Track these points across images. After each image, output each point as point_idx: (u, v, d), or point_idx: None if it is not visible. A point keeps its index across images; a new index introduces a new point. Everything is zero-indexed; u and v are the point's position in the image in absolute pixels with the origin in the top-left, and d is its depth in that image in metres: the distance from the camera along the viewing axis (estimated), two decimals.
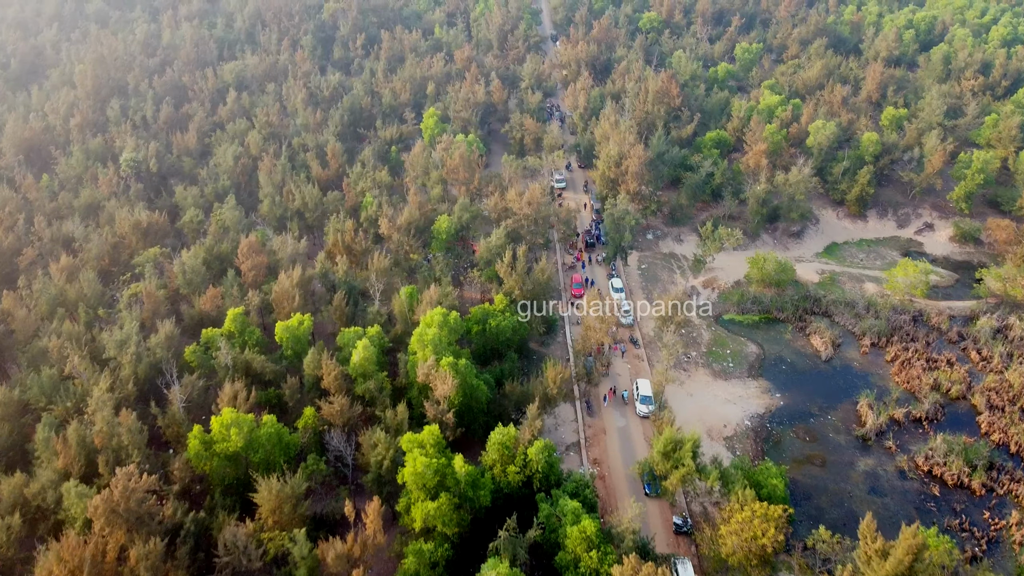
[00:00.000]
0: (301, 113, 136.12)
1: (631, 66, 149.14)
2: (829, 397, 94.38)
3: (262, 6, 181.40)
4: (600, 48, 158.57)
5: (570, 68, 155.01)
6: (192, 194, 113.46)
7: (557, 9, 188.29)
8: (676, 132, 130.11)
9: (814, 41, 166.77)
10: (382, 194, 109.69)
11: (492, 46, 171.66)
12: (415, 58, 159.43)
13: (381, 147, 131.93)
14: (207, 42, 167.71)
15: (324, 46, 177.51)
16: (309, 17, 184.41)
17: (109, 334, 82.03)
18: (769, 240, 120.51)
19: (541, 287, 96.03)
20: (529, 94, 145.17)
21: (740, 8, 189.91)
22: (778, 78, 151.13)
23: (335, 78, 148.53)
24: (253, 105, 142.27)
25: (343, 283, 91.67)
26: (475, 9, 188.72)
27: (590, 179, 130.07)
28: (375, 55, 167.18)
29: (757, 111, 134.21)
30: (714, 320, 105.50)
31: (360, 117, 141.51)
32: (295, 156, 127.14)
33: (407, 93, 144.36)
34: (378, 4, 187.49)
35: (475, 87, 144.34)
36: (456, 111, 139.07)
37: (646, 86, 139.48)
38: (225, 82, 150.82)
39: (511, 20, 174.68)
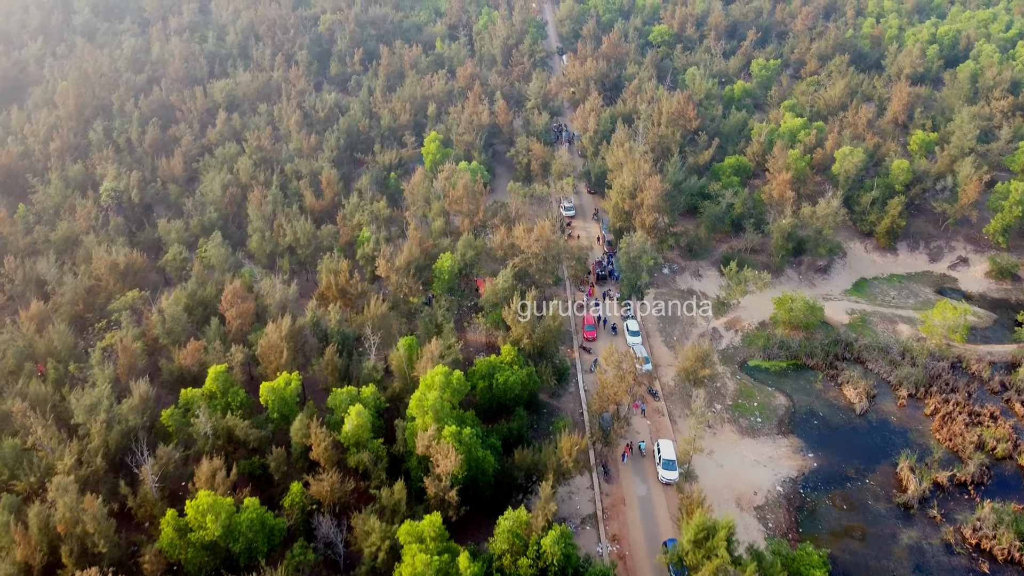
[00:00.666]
0: (294, 136, 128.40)
1: (643, 85, 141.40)
2: (866, 457, 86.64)
3: (255, 19, 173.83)
4: (609, 64, 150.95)
5: (578, 87, 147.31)
6: (176, 228, 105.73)
7: (563, 22, 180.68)
8: (693, 158, 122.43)
9: (834, 57, 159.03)
10: (379, 229, 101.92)
11: (496, 61, 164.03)
12: (415, 75, 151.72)
13: (379, 173, 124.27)
14: (197, 58, 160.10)
15: (320, 61, 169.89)
16: (305, 30, 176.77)
17: (78, 398, 74.32)
18: (794, 275, 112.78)
19: (552, 335, 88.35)
20: (535, 115, 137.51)
21: (754, 20, 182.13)
22: (798, 98, 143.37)
23: (331, 97, 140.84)
24: (244, 127, 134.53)
25: (336, 334, 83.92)
26: (478, 22, 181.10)
27: (602, 209, 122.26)
28: (373, 71, 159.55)
29: (778, 135, 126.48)
30: (738, 367, 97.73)
31: (357, 140, 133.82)
32: (287, 184, 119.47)
33: (407, 114, 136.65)
34: (377, 16, 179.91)
35: (478, 107, 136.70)
36: (458, 134, 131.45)
37: (660, 107, 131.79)
38: (215, 101, 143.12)
39: (516, 34, 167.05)
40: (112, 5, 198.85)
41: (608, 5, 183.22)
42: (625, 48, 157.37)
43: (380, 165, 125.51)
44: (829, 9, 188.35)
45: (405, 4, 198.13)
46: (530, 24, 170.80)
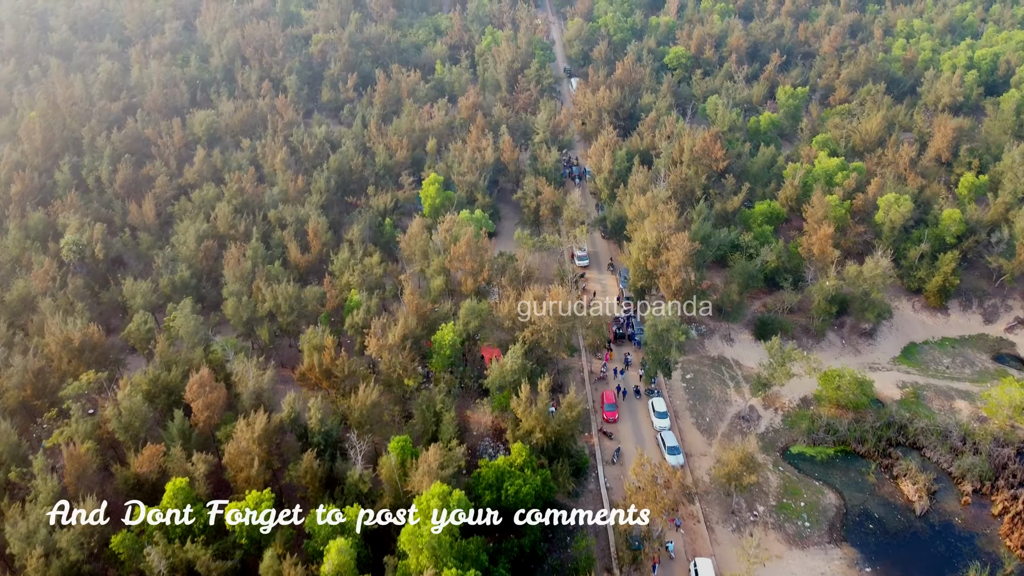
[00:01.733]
0: (280, 177, 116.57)
1: (662, 118, 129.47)
2: (931, 571, 74.91)
3: (242, 40, 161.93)
4: (623, 93, 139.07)
5: (589, 118, 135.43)
6: (142, 291, 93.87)
7: (572, 43, 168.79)
8: (720, 203, 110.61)
9: (866, 83, 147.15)
10: (371, 296, 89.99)
11: (500, 87, 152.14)
12: (414, 105, 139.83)
13: (373, 219, 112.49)
14: (178, 83, 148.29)
15: (311, 86, 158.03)
16: (295, 51, 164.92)
17: (14, 523, 62.64)
18: (836, 340, 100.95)
19: (569, 427, 76.64)
20: (543, 150, 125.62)
21: (776, 40, 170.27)
22: (831, 131, 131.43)
23: (321, 131, 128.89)
24: (225, 165, 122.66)
25: (318, 435, 72.14)
26: (480, 42, 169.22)
27: (620, 263, 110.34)
28: (368, 98, 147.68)
29: (813, 176, 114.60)
30: (780, 454, 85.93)
31: (349, 180, 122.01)
32: (271, 233, 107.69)
33: (404, 150, 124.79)
34: (373, 36, 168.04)
35: (482, 141, 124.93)
36: (460, 173, 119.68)
37: (681, 144, 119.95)
38: (194, 135, 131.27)
39: (521, 57, 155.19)
40: (92, 23, 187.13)
41: (619, 24, 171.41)
42: (640, 74, 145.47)
43: (374, 210, 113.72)
44: (855, 28, 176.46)
45: (403, 22, 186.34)
46: (536, 46, 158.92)
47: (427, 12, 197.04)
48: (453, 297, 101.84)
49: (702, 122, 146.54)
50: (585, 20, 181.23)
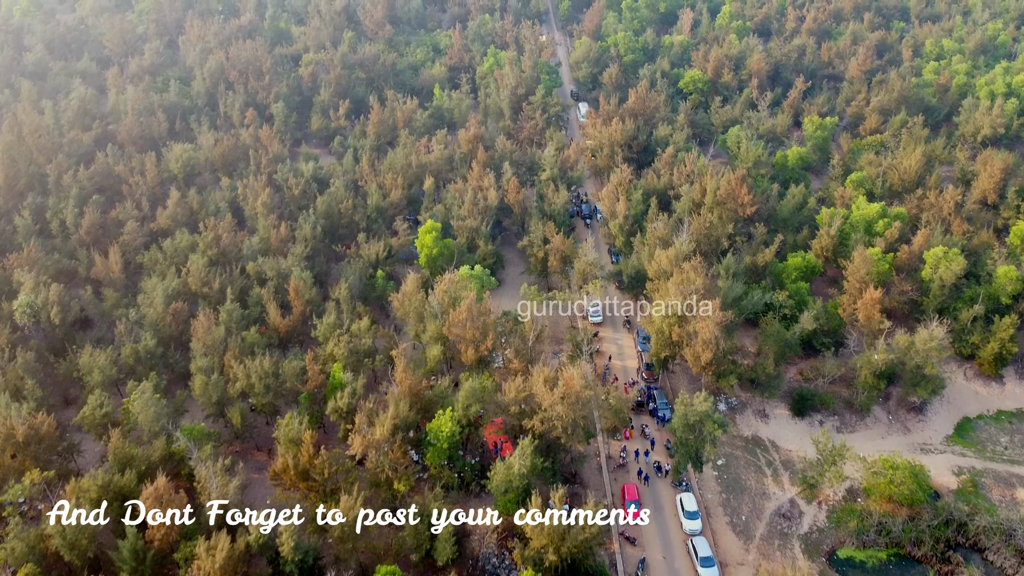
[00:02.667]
0: (261, 223, 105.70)
1: (679, 154, 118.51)
2: None
3: (226, 63, 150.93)
4: (637, 123, 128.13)
5: (601, 153, 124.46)
6: (100, 365, 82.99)
7: (579, 64, 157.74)
8: (749, 255, 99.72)
9: (898, 111, 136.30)
10: (356, 378, 79.02)
11: (503, 115, 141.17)
12: (410, 137, 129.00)
13: (363, 270, 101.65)
14: (155, 111, 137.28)
15: (300, 112, 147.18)
16: (283, 74, 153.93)
17: None
18: (882, 415, 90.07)
19: (587, 544, 65.83)
20: (551, 189, 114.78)
21: (798, 62, 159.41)
22: (865, 168, 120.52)
23: (308, 168, 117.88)
24: (203, 206, 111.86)
25: (291, 564, 61.29)
26: (482, 63, 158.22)
27: (639, 326, 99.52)
28: (361, 127, 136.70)
29: (851, 224, 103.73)
30: (827, 560, 75.09)
31: (338, 224, 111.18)
32: (248, 290, 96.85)
33: (399, 190, 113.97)
34: (367, 57, 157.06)
35: (483, 180, 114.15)
36: (460, 217, 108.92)
37: (703, 184, 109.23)
38: (170, 172, 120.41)
39: (526, 82, 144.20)
40: (70, 41, 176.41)
41: (630, 44, 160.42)
42: (654, 102, 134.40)
43: (364, 260, 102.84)
44: (881, 47, 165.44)
45: (399, 40, 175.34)
46: (542, 71, 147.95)
47: (425, 29, 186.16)
48: (452, 368, 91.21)
49: (722, 155, 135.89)
50: (593, 39, 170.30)
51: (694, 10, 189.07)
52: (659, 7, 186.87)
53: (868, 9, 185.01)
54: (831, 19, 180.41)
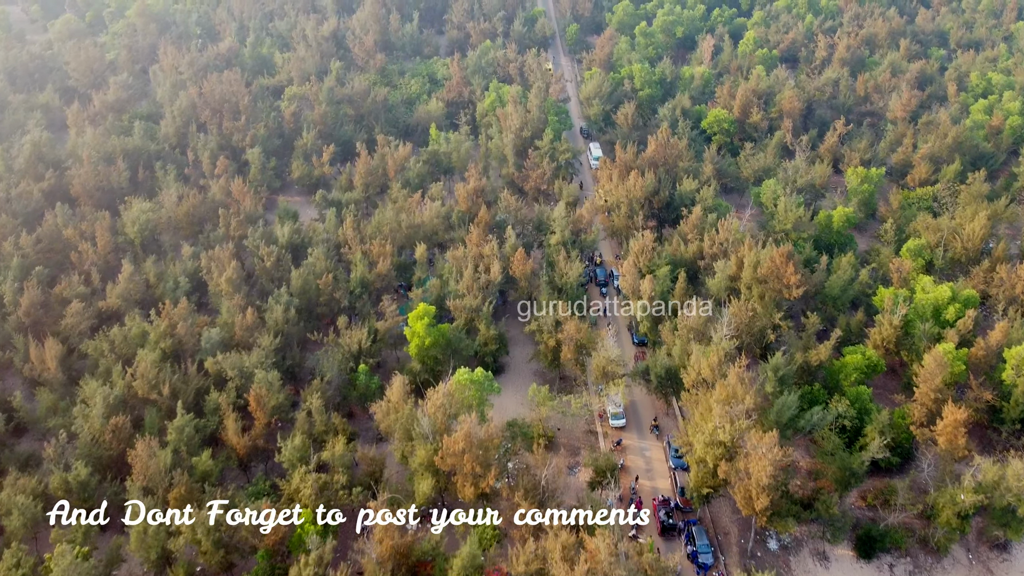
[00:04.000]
0: (225, 306, 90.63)
1: (711, 218, 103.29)
2: None
3: (199, 99, 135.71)
4: (658, 175, 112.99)
5: (618, 212, 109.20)
6: (19, 504, 67.96)
7: (590, 100, 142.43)
8: (799, 351, 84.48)
9: (950, 159, 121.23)
10: (324, 541, 63.80)
11: (507, 161, 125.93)
12: (402, 191, 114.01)
13: (343, 363, 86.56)
14: (116, 157, 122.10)
15: (281, 156, 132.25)
16: (263, 112, 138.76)
17: None
18: (961, 555, 74.87)
19: None
20: (562, 257, 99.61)
21: (832, 98, 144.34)
22: (922, 232, 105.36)
23: (284, 232, 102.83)
24: (161, 282, 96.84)
25: None
26: (483, 99, 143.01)
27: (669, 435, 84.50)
28: (348, 175, 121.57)
29: (916, 309, 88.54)
30: None
31: (316, 302, 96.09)
32: (204, 395, 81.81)
33: (387, 259, 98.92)
34: (356, 92, 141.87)
35: (485, 246, 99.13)
36: (458, 294, 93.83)
37: (740, 256, 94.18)
38: (126, 238, 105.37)
39: (532, 123, 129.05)
40: (33, 69, 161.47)
41: (646, 77, 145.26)
42: (676, 149, 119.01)
43: (344, 351, 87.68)
44: (922, 80, 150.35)
45: (392, 69, 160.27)
46: (551, 110, 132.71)
47: (421, 56, 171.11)
48: (444, 500, 76.10)
49: (751, 206, 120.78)
50: (605, 69, 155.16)
51: (713, 33, 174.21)
52: (675, 32, 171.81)
53: (903, 34, 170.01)
54: (863, 45, 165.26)
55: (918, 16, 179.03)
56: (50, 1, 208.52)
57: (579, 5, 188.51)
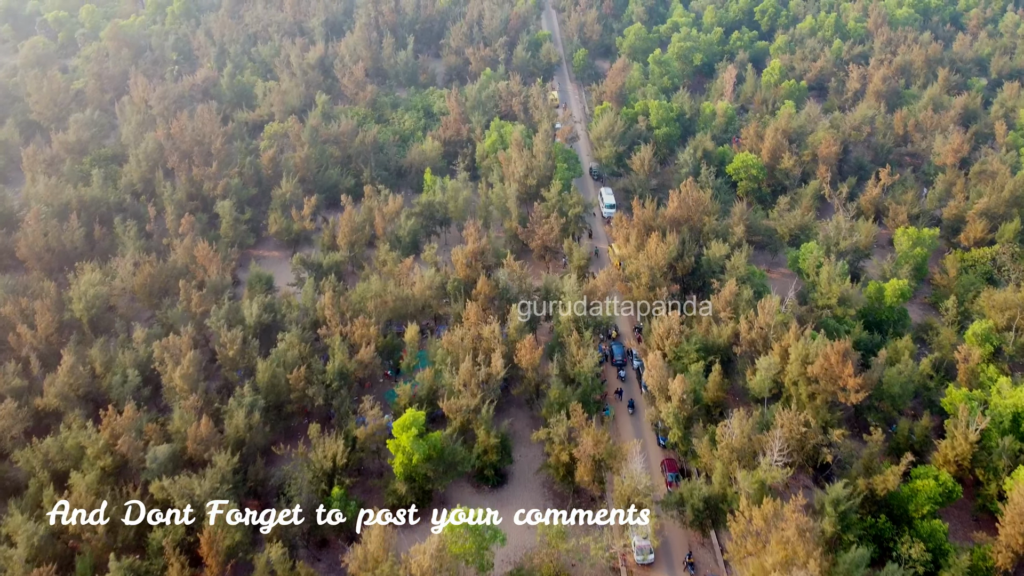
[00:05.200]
0: (178, 413, 76.84)
1: (745, 293, 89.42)
2: None
3: (167, 141, 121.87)
4: (683, 239, 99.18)
5: (637, 282, 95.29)
6: None
7: (602, 141, 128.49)
8: (862, 478, 70.61)
9: (1009, 216, 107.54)
10: None
11: (510, 213, 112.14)
12: (391, 253, 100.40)
13: (314, 485, 72.81)
14: (71, 212, 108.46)
15: (257, 207, 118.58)
16: (239, 154, 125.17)
17: None
18: None
19: None
20: (574, 340, 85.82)
21: (869, 138, 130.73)
22: (988, 311, 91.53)
23: (253, 310, 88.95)
24: (108, 372, 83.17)
25: None
26: (484, 139, 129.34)
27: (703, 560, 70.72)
28: (331, 231, 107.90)
29: (997, 420, 74.70)
30: None
31: (284, 400, 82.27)
32: (147, 534, 68.01)
33: (372, 346, 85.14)
34: (343, 132, 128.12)
35: (484, 327, 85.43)
36: (454, 391, 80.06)
37: (784, 346, 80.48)
38: (71, 314, 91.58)
39: (538, 171, 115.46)
40: None
41: (663, 114, 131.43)
42: (701, 203, 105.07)
43: (316, 469, 73.84)
44: (966, 117, 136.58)
45: (383, 101, 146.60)
46: (558, 156, 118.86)
47: (416, 86, 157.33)
48: None
49: (786, 273, 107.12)
50: (616, 102, 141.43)
51: (733, 60, 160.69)
52: (693, 59, 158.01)
53: (940, 62, 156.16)
54: (899, 75, 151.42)
55: (956, 42, 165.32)
56: (22, 21, 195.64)
57: (587, 28, 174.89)
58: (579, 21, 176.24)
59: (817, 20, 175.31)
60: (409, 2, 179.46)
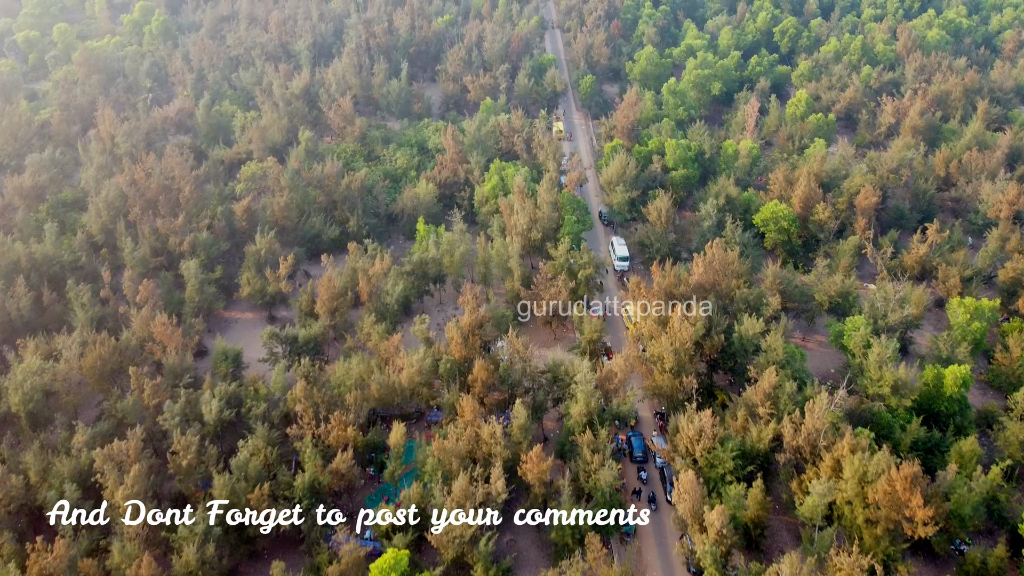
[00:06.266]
0: (116, 547, 64.43)
1: (787, 387, 76.89)
2: None
3: (131, 188, 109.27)
4: (713, 312, 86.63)
5: (660, 366, 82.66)
6: None
7: (614, 186, 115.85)
8: None
9: None
10: None
11: (512, 273, 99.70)
12: (376, 327, 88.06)
13: None
14: (17, 273, 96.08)
15: (229, 264, 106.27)
16: (210, 202, 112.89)
17: None
18: None
19: None
20: (587, 442, 73.43)
21: (910, 185, 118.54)
22: None
23: (212, 409, 76.36)
24: (44, 483, 70.81)
25: None
26: (484, 182, 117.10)
27: None
28: (310, 295, 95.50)
29: None
30: None
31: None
32: None
33: (350, 453, 72.67)
34: (327, 176, 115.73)
35: (484, 426, 73.12)
36: (442, 508, 67.53)
37: (836, 457, 68.10)
38: (6, 406, 79.09)
39: (543, 224, 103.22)
40: None
41: (682, 153, 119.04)
42: (728, 264, 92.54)
43: None
44: (1013, 156, 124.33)
45: (373, 136, 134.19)
46: (567, 208, 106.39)
47: (410, 117, 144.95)
48: None
49: (823, 342, 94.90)
50: (629, 138, 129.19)
51: (753, 89, 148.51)
52: (711, 88, 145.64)
53: (979, 92, 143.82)
54: (937, 107, 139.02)
55: (993, 70, 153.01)
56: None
57: (594, 51, 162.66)
58: (586, 43, 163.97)
59: (842, 43, 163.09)
60: (403, 22, 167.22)
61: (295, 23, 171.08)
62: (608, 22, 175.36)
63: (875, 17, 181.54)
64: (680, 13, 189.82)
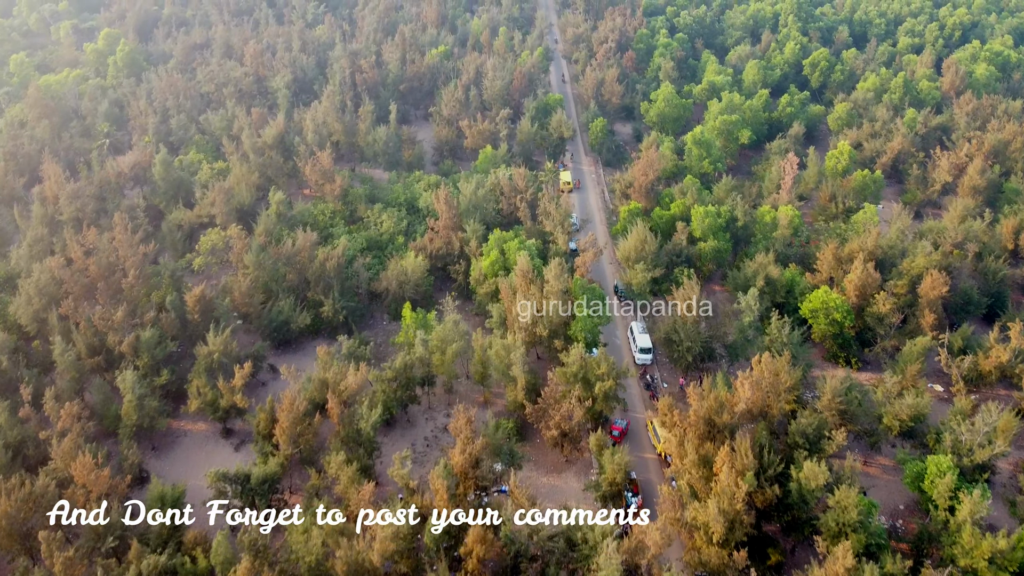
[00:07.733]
0: None
1: (866, 571, 60.37)
2: None
3: (68, 273, 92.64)
4: (758, 433, 70.19)
5: (704, 533, 65.91)
6: None
7: (632, 264, 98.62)
8: None
9: None
10: None
11: (515, 382, 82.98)
12: (349, 467, 71.45)
13: None
14: None
15: (179, 364, 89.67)
16: (160, 285, 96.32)
17: None
18: None
19: None
20: None
21: (975, 257, 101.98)
22: None
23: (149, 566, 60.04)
24: None
25: None
26: (481, 255, 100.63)
27: None
28: (268, 416, 78.78)
29: None
30: None
31: None
32: None
33: None
34: (299, 252, 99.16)
35: None
36: None
37: None
38: None
39: (550, 318, 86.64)
40: None
41: (711, 222, 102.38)
42: (778, 378, 75.88)
43: None
44: None
45: (357, 193, 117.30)
46: (579, 293, 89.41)
47: (399, 168, 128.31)
48: None
49: (887, 465, 78.56)
50: (647, 199, 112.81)
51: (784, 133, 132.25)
52: (739, 137, 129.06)
53: None
54: (990, 156, 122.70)
55: None
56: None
57: (605, 88, 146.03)
58: (596, 79, 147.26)
59: (881, 77, 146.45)
60: (393, 55, 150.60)
61: (273, 54, 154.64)
62: (620, 54, 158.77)
63: (913, 47, 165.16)
64: (699, 41, 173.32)
